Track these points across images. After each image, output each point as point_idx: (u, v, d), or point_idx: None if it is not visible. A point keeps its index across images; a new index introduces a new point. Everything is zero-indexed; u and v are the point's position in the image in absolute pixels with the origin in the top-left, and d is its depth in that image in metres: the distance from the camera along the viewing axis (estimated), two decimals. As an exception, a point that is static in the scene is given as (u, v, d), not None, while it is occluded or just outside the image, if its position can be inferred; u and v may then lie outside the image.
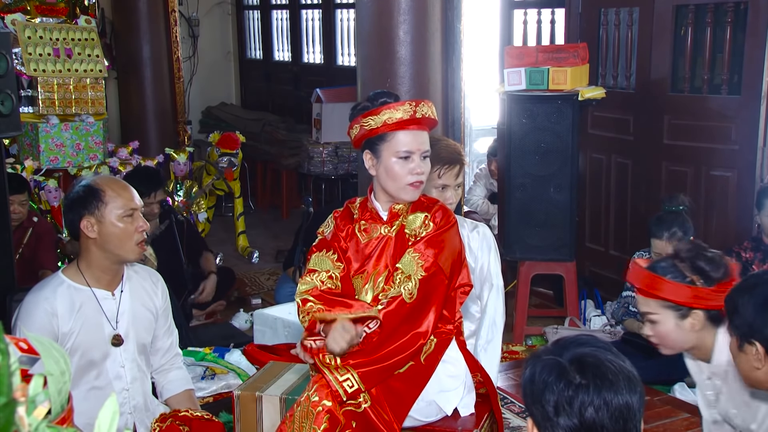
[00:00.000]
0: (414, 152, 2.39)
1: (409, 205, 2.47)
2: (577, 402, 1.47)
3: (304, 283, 2.44)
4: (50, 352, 0.88)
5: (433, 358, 2.41)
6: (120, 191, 2.59)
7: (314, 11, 8.46)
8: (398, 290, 2.34)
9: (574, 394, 1.47)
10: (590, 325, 4.64)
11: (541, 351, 1.60)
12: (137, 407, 2.71)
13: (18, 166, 5.20)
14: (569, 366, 1.51)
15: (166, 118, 7.13)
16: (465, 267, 2.49)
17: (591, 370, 1.49)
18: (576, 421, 1.47)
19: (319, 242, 2.53)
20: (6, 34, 3.66)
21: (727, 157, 4.39)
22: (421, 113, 2.39)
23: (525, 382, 1.56)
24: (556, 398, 1.48)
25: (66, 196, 2.75)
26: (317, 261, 2.47)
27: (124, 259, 2.64)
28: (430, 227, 2.41)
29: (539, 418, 1.52)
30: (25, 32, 5.52)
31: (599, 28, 5.01)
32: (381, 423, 2.29)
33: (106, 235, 2.56)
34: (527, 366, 1.58)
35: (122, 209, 2.56)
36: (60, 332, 2.55)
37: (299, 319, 2.40)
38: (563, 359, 1.52)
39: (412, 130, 2.39)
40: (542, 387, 1.51)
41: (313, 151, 7.06)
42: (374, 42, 4.26)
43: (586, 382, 1.48)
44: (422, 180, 2.43)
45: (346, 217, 2.54)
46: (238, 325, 4.80)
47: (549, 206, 4.45)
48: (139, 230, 2.59)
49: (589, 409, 1.47)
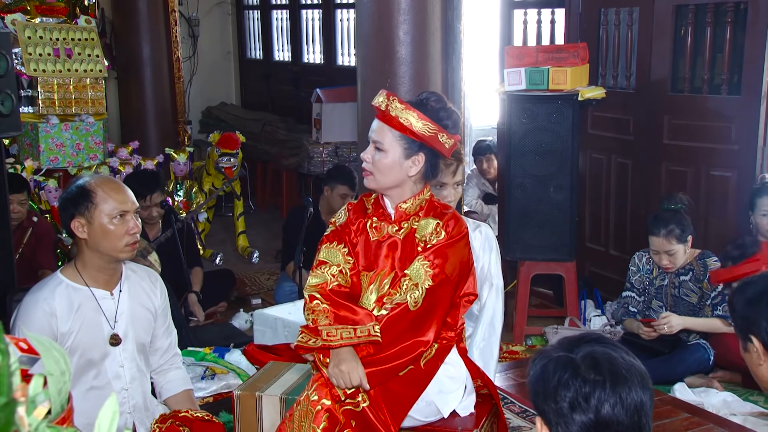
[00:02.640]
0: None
1: (417, 207, 2.45)
2: (593, 398, 1.47)
3: (315, 276, 2.42)
4: (50, 352, 0.88)
5: (433, 363, 2.40)
6: (112, 193, 2.57)
7: (314, 11, 8.46)
8: (404, 297, 2.33)
9: (591, 391, 1.48)
10: (590, 325, 4.64)
11: (550, 348, 1.60)
12: (137, 407, 2.71)
13: (18, 166, 5.20)
14: (582, 363, 1.51)
15: (166, 118, 7.13)
16: (472, 275, 2.47)
17: (606, 367, 1.50)
18: (592, 417, 1.47)
19: (331, 233, 2.51)
20: (6, 34, 3.66)
21: (727, 157, 4.39)
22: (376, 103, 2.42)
23: (534, 379, 1.56)
24: (572, 395, 1.48)
25: (60, 196, 2.75)
26: (328, 253, 2.46)
27: (116, 259, 2.63)
28: (442, 236, 2.38)
29: (551, 416, 1.51)
30: (25, 32, 5.52)
31: (599, 28, 5.01)
32: (379, 423, 2.29)
33: (96, 236, 2.56)
34: (535, 363, 1.58)
35: (113, 211, 2.54)
36: (59, 332, 2.55)
37: (304, 315, 2.39)
38: (575, 356, 1.53)
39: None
40: (556, 383, 1.51)
41: (313, 151, 7.06)
42: (374, 42, 4.26)
43: (602, 378, 1.49)
44: (368, 169, 2.42)
45: (359, 211, 2.52)
46: (238, 325, 4.80)
47: (549, 206, 4.45)
48: (130, 232, 2.57)
49: (605, 405, 1.47)
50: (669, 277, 4.04)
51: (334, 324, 2.31)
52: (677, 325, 3.86)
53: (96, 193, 2.55)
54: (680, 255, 3.94)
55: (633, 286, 4.15)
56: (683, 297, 4.00)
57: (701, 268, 3.96)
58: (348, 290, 2.41)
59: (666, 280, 4.05)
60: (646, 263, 4.12)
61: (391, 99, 2.38)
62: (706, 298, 3.95)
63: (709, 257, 3.97)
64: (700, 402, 3.59)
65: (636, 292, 4.14)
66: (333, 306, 2.33)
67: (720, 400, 3.59)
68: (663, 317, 3.89)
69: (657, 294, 4.08)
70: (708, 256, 3.97)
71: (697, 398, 3.64)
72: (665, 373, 3.85)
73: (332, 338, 2.27)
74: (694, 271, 3.98)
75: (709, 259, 3.95)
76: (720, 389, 3.77)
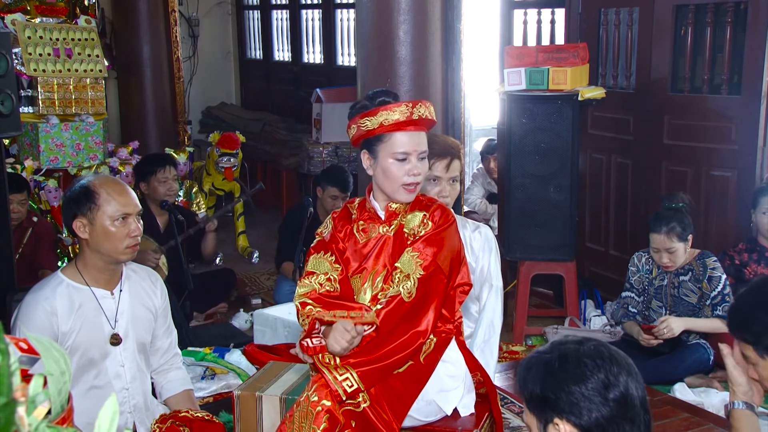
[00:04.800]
0: (411, 153, 2.39)
1: (407, 204, 2.47)
2: (622, 377, 1.55)
3: (303, 285, 2.43)
4: (50, 352, 0.88)
5: (432, 357, 2.41)
6: (115, 194, 2.57)
7: (314, 11, 8.46)
8: (397, 289, 2.34)
9: (619, 371, 1.55)
10: (590, 325, 4.64)
11: (542, 350, 1.63)
12: (137, 406, 2.71)
13: (18, 166, 5.20)
14: (597, 350, 1.58)
15: (166, 118, 7.13)
16: (464, 266, 2.48)
17: (619, 357, 1.59)
18: (622, 391, 1.54)
19: (317, 244, 2.53)
20: (6, 34, 3.66)
21: (727, 157, 4.39)
22: (418, 114, 2.38)
23: (542, 374, 1.59)
24: (603, 375, 1.54)
25: (63, 195, 2.75)
26: (315, 263, 2.47)
27: (117, 260, 2.64)
28: (429, 226, 2.41)
29: (565, 405, 1.55)
30: (25, 32, 5.52)
31: (599, 28, 5.01)
32: (380, 422, 2.29)
33: (97, 237, 2.56)
34: (534, 362, 1.61)
35: (115, 213, 2.55)
36: (60, 331, 2.55)
37: (299, 322, 2.40)
38: (583, 347, 1.58)
39: (409, 131, 2.39)
40: (580, 368, 1.56)
41: (313, 151, 7.06)
42: (374, 42, 4.26)
43: (622, 364, 1.58)
44: (418, 181, 2.42)
45: (345, 218, 2.54)
46: (238, 325, 4.80)
47: (549, 206, 4.45)
48: (131, 235, 2.57)
49: (631, 385, 1.56)
50: (668, 278, 4.04)
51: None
52: (678, 328, 3.86)
53: (99, 194, 2.55)
54: (680, 253, 3.94)
55: (632, 287, 4.15)
56: (683, 297, 4.00)
57: (701, 268, 3.96)
58: (338, 295, 2.42)
59: (665, 281, 4.05)
60: (645, 263, 4.12)
61: (428, 105, 2.44)
62: (705, 298, 3.94)
63: (709, 257, 3.97)
64: (700, 402, 3.59)
65: (635, 293, 4.14)
66: (326, 307, 2.35)
67: (720, 400, 3.59)
68: (662, 321, 3.88)
69: (656, 294, 4.08)
70: (707, 256, 3.97)
71: (697, 398, 3.64)
72: (665, 373, 3.85)
73: (324, 314, 2.32)
74: (694, 271, 3.98)
75: (709, 259, 3.95)
76: (720, 389, 3.77)
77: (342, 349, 2.26)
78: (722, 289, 3.90)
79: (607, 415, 1.52)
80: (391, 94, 2.46)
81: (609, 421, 1.52)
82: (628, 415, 1.54)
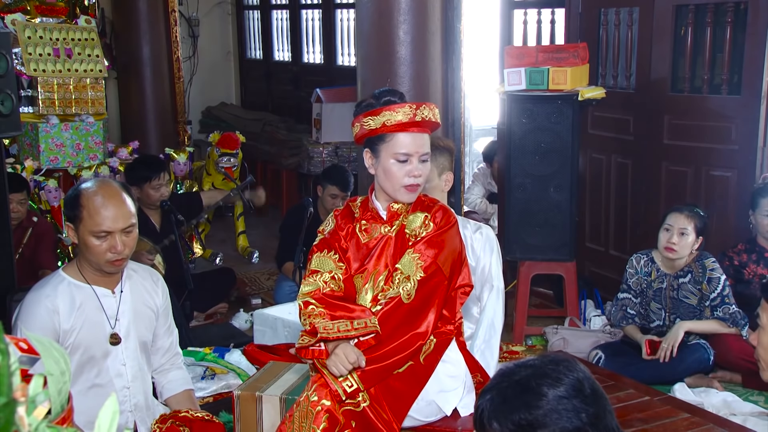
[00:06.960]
0: (412, 155, 2.39)
1: (409, 205, 2.47)
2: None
3: (307, 284, 2.43)
4: (50, 352, 0.88)
5: (432, 358, 2.41)
6: (101, 210, 2.51)
7: (314, 11, 8.46)
8: (397, 291, 2.34)
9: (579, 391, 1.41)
10: (590, 325, 4.64)
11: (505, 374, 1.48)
12: (138, 406, 2.71)
13: (18, 166, 5.20)
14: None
15: (166, 118, 7.13)
16: (466, 267, 2.48)
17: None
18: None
19: (320, 242, 2.52)
20: (6, 34, 3.66)
21: (727, 157, 4.39)
22: (421, 116, 2.38)
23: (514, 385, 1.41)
24: (577, 374, 1.42)
25: (66, 194, 2.75)
26: (319, 262, 2.47)
27: (102, 270, 2.63)
28: (430, 227, 2.41)
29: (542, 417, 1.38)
30: (25, 32, 5.52)
31: (599, 28, 5.01)
32: (380, 422, 2.29)
33: (81, 245, 2.58)
34: (503, 379, 1.44)
35: (95, 229, 2.52)
36: (61, 329, 2.55)
37: (300, 321, 2.40)
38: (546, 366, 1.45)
39: (411, 132, 2.39)
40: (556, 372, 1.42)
41: (313, 151, 7.06)
42: (374, 42, 4.26)
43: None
44: (419, 183, 2.42)
45: (347, 216, 2.53)
46: (238, 325, 4.80)
47: (549, 206, 4.45)
48: (112, 251, 2.53)
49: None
50: (667, 280, 4.03)
51: (331, 321, 2.32)
52: (681, 336, 3.87)
53: (84, 206, 2.52)
54: (688, 243, 3.92)
55: (630, 288, 4.14)
56: (682, 299, 4.00)
57: (700, 270, 3.96)
58: (341, 295, 2.41)
59: (665, 283, 4.04)
60: (644, 266, 4.11)
61: (432, 107, 2.43)
62: (705, 300, 3.94)
63: (707, 258, 3.96)
64: (700, 402, 3.58)
65: (633, 294, 4.13)
66: (328, 308, 2.34)
67: (720, 400, 3.59)
68: (665, 346, 3.89)
69: (656, 296, 4.08)
70: (706, 257, 3.97)
71: (697, 398, 3.63)
72: (665, 373, 3.85)
73: (329, 330, 2.28)
74: (693, 273, 3.97)
75: (708, 261, 3.95)
76: (720, 389, 3.77)
77: (340, 374, 2.26)
78: (722, 290, 3.90)
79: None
80: (397, 94, 2.46)
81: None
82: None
